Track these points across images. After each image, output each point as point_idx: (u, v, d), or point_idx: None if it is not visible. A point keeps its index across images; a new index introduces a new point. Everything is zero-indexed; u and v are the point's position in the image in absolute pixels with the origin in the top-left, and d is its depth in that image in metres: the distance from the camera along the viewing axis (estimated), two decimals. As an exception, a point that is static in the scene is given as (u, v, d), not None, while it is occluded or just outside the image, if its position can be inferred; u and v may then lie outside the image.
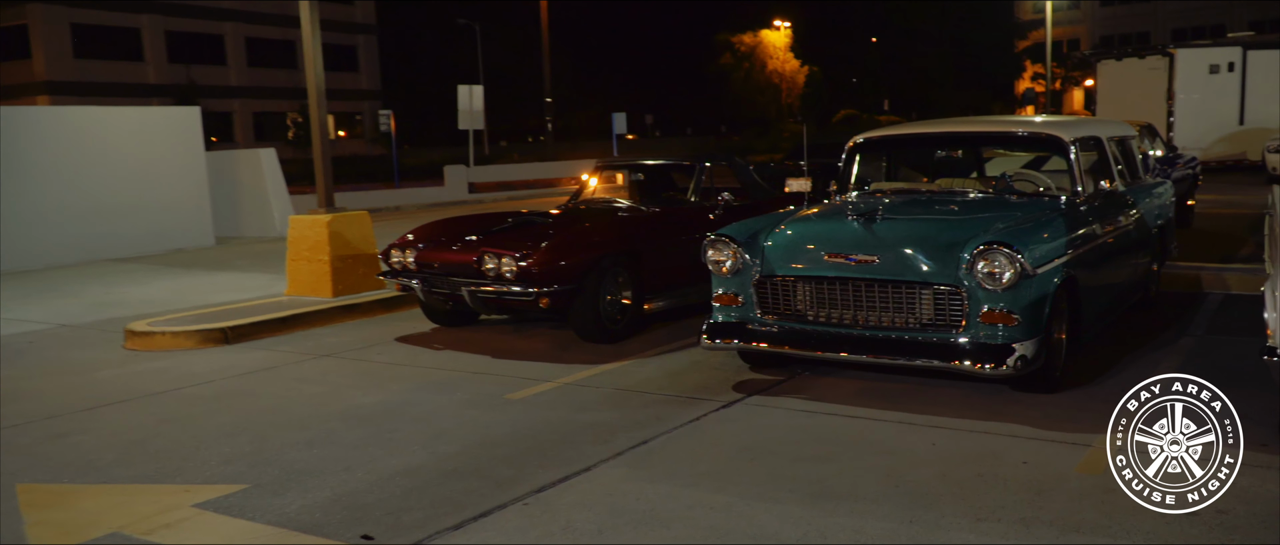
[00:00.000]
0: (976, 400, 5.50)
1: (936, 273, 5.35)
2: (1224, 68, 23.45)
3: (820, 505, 4.09)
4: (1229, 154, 22.39)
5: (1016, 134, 7.14)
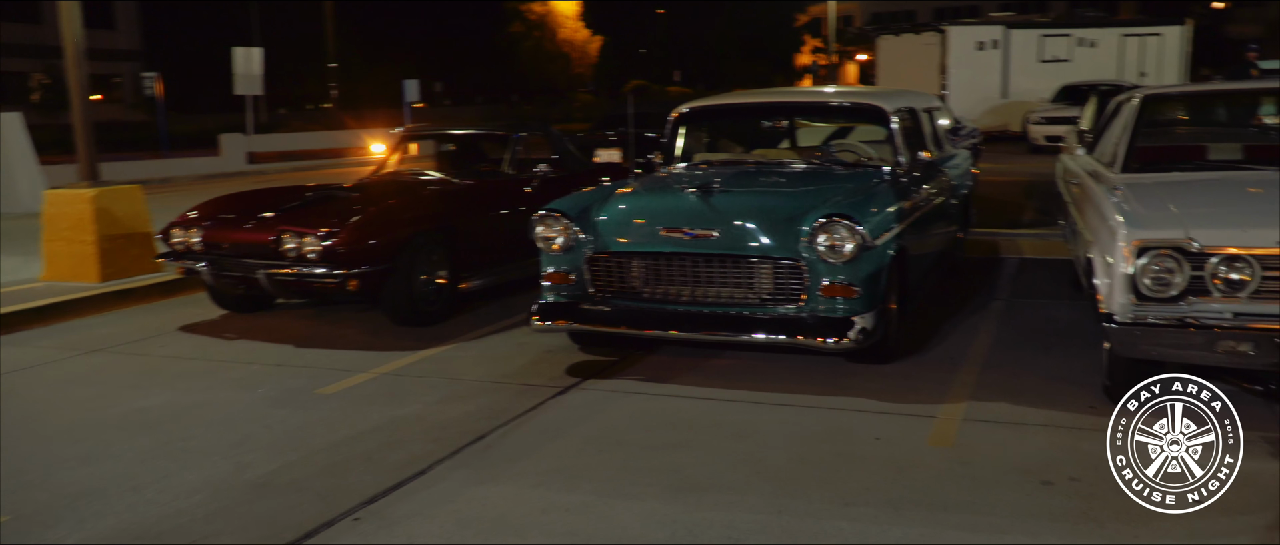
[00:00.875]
0: (815, 374, 5.41)
1: (777, 246, 5.20)
2: (989, 45, 25.00)
3: (684, 499, 3.83)
4: (995, 125, 23.89)
5: (840, 105, 7.13)
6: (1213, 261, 3.99)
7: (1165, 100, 6.35)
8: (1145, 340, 4.12)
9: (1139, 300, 4.11)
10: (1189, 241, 4.00)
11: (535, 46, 61.59)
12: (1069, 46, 24.86)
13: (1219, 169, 5.39)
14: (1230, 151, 5.93)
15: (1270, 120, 6.38)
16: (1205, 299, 4.04)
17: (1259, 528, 3.46)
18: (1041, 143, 20.14)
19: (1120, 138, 5.58)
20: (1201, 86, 7.72)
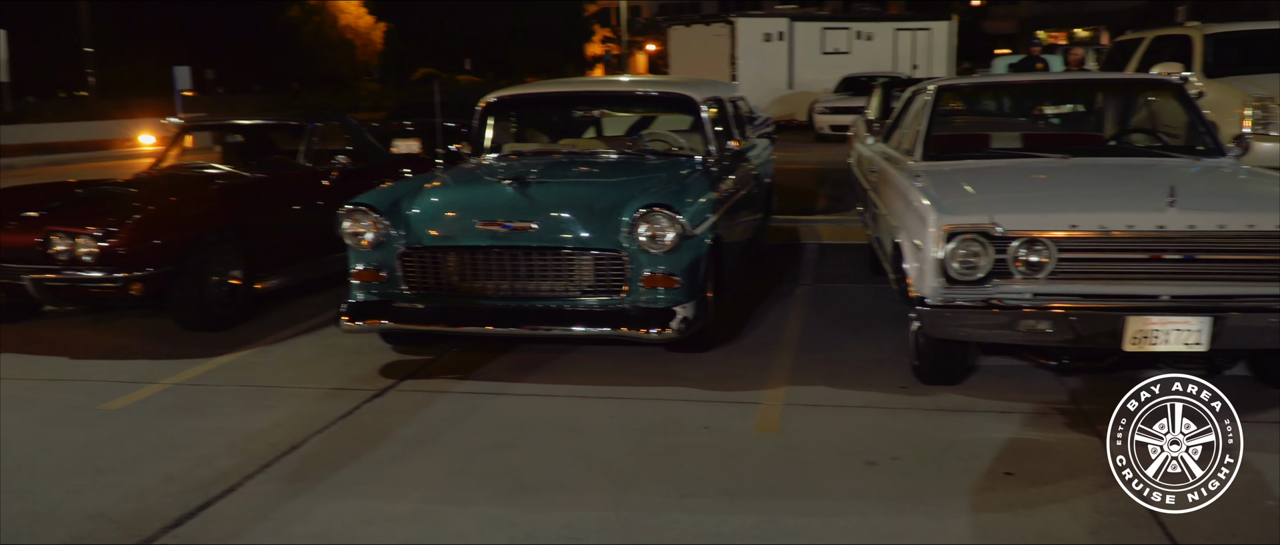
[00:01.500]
0: (638, 365, 5.39)
1: (597, 237, 5.14)
2: (775, 36, 25.91)
3: (519, 501, 3.71)
4: (783, 115, 24.79)
5: (651, 94, 7.14)
6: (1014, 245, 4.22)
7: (957, 91, 6.71)
8: (954, 321, 4.32)
9: (948, 283, 4.30)
10: (993, 226, 4.21)
11: (316, 32, 59.11)
12: (848, 39, 26.11)
13: (1009, 157, 5.73)
14: (1015, 139, 6.33)
15: (1051, 110, 6.87)
16: (1008, 281, 4.27)
17: (1076, 492, 3.68)
18: (827, 132, 21.05)
19: (918, 127, 5.84)
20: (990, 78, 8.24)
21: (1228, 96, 9.69)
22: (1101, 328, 4.19)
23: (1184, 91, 5.85)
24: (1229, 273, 4.16)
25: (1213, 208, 4.20)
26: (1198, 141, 5.54)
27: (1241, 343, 4.25)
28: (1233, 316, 4.10)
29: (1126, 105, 6.55)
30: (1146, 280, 4.21)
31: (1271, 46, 11.25)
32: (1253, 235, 4.09)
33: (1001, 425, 4.39)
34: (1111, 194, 4.64)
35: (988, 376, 5.06)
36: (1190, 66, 10.67)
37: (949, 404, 4.68)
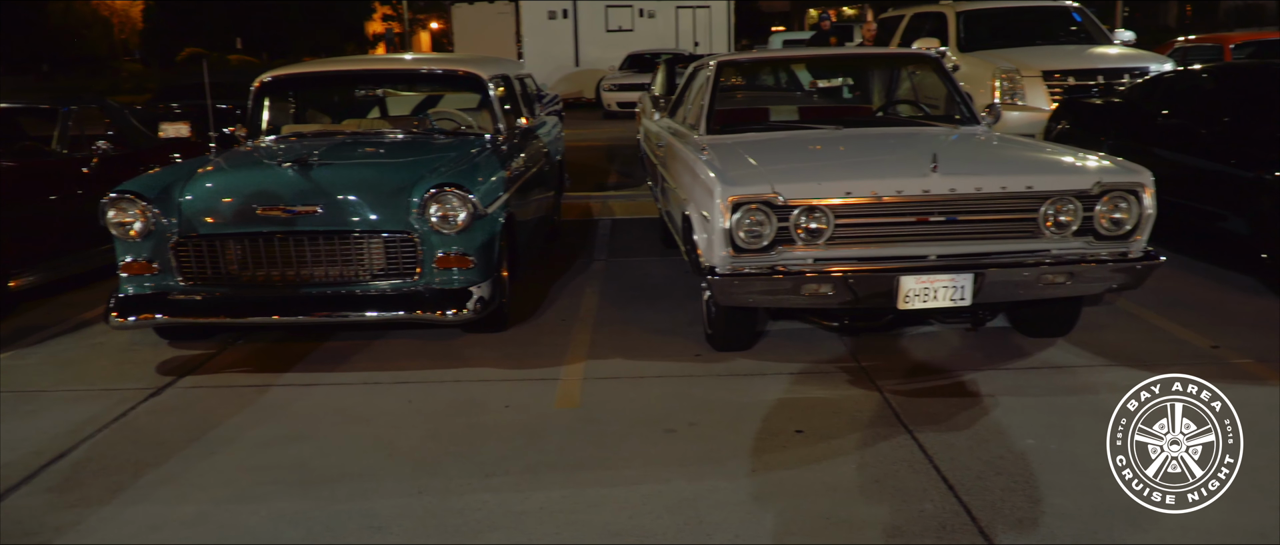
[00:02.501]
0: (432, 348, 5.30)
1: (386, 219, 5.00)
2: (560, 14, 25.88)
3: (315, 493, 3.58)
4: (570, 92, 24.87)
5: (436, 72, 6.99)
6: (795, 213, 4.41)
7: (736, 66, 6.92)
8: (742, 288, 4.47)
9: (735, 252, 4.45)
10: (775, 196, 4.38)
11: (65, 9, 54.44)
12: (632, 17, 26.41)
13: (787, 129, 5.97)
14: (791, 113, 6.60)
15: (824, 84, 7.20)
16: (790, 247, 4.46)
17: (860, 444, 3.90)
18: (615, 109, 21.29)
19: (701, 101, 5.99)
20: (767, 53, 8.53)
21: (980, 69, 10.47)
22: (877, 288, 4.45)
23: (941, 65, 6.26)
24: (986, 232, 4.50)
25: (970, 172, 4.53)
26: (955, 111, 5.95)
27: (1000, 296, 4.61)
28: (991, 272, 4.43)
29: (891, 78, 6.95)
30: (915, 241, 4.49)
31: (1017, 22, 12.22)
32: (1005, 196, 4.43)
33: (791, 386, 4.59)
34: (881, 162, 4.92)
35: (777, 340, 5.27)
36: (946, 41, 11.44)
37: (742, 369, 4.85)
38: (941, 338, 5.24)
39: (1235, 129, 6.24)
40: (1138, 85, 8.01)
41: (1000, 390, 4.43)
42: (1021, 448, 3.81)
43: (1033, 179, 4.47)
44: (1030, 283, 4.48)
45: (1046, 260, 4.45)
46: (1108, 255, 4.49)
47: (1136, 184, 4.46)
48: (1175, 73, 8.08)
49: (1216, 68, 7.82)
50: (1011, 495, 3.42)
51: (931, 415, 4.16)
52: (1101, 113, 7.92)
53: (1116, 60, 10.42)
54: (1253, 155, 5.93)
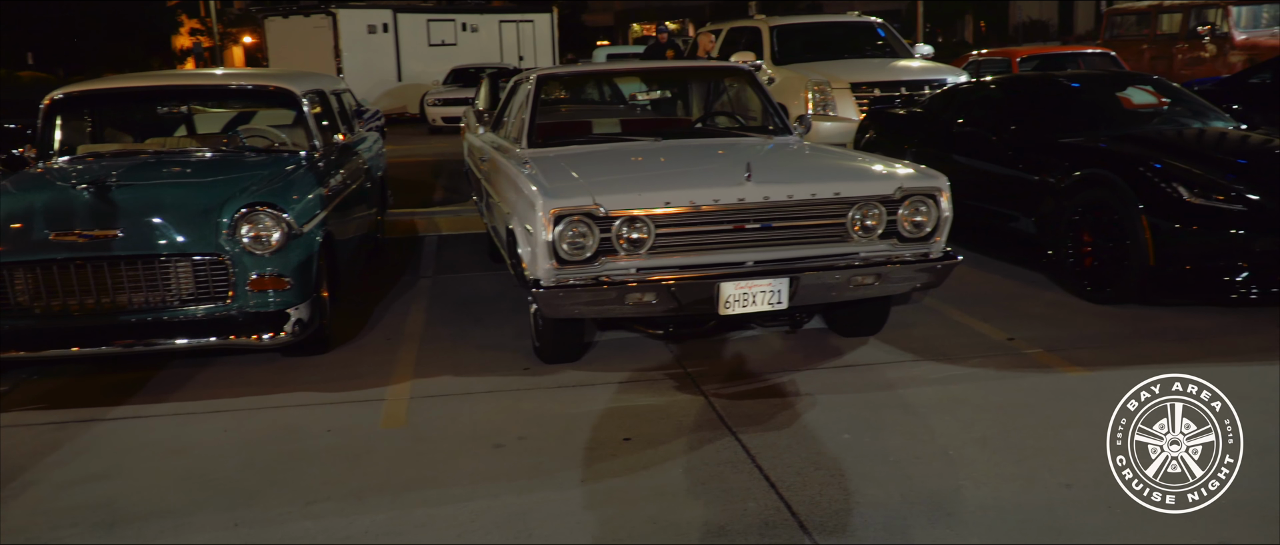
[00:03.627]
0: (250, 374, 5.09)
1: (194, 241, 4.79)
2: (380, 28, 25.37)
3: (121, 533, 3.38)
4: (393, 108, 24.39)
5: (246, 88, 6.74)
6: (617, 224, 4.47)
7: (557, 80, 6.96)
8: (568, 300, 4.50)
9: (559, 264, 4.47)
10: (597, 207, 4.43)
11: None
12: (455, 31, 26.17)
13: (608, 141, 6.04)
14: (613, 125, 6.69)
15: (641, 96, 7.32)
16: (614, 258, 4.52)
17: (686, 448, 3.97)
18: (440, 124, 21.01)
19: (523, 115, 6.00)
20: (587, 67, 8.61)
21: (793, 81, 10.88)
22: (699, 295, 4.56)
23: (754, 77, 6.48)
24: (800, 237, 4.69)
25: (782, 180, 4.70)
26: (769, 122, 6.17)
27: (815, 299, 4.80)
28: (806, 276, 4.62)
29: (709, 91, 7.14)
30: (733, 249, 4.63)
31: (827, 37, 12.77)
32: (815, 203, 4.63)
33: (619, 395, 4.65)
34: (699, 172, 5.05)
35: (605, 350, 5.32)
36: (762, 55, 11.84)
37: (570, 380, 4.88)
38: (763, 341, 5.41)
39: (1021, 136, 6.71)
40: (936, 96, 8.51)
41: (818, 389, 4.62)
42: (838, 443, 3.97)
43: (840, 186, 4.68)
44: (842, 285, 4.69)
45: (856, 262, 4.67)
46: (911, 256, 4.75)
47: (934, 189, 4.74)
48: (969, 84, 8.62)
49: (1004, 79, 8.40)
50: (829, 489, 3.57)
51: (754, 416, 4.29)
52: (905, 122, 8.37)
53: (917, 73, 11.04)
54: (1037, 160, 6.40)
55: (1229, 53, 15.11)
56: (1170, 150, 5.92)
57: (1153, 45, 17.14)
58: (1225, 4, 15.94)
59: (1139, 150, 5.92)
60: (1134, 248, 5.50)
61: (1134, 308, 5.65)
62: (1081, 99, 7.39)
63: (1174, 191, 5.43)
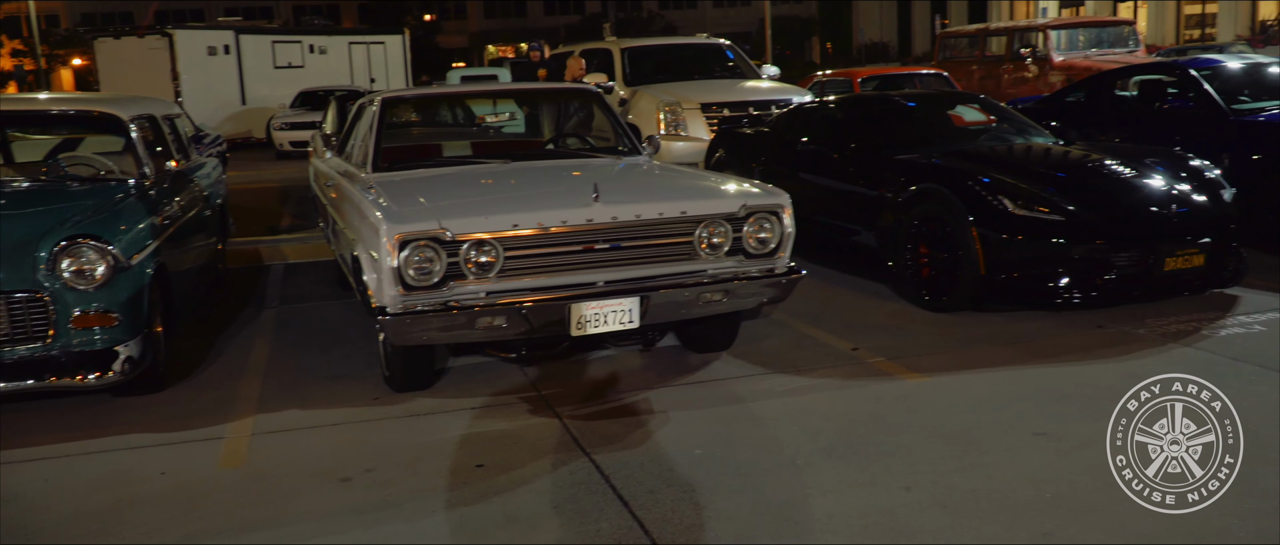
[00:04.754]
0: (79, 416, 4.80)
1: (9, 277, 4.49)
2: (221, 50, 24.50)
3: (-75, 598, 3.12)
4: (237, 132, 23.56)
5: (67, 113, 6.36)
6: (465, 247, 4.42)
7: (403, 103, 6.84)
8: (416, 327, 4.41)
9: (406, 290, 4.38)
10: (443, 231, 4.37)
11: None
12: (302, 53, 25.51)
13: (456, 164, 5.97)
14: (463, 148, 6.62)
15: (491, 119, 7.27)
16: (463, 282, 4.45)
17: (540, 472, 3.93)
18: (287, 148, 20.40)
19: (367, 139, 5.87)
20: (433, 89, 8.49)
21: (645, 102, 11.02)
22: (550, 317, 4.54)
23: (603, 99, 6.52)
24: (649, 256, 4.72)
25: (630, 200, 4.74)
26: (619, 143, 6.22)
27: (666, 316, 4.85)
28: (656, 294, 4.66)
29: (559, 112, 7.15)
30: (584, 269, 4.63)
31: (677, 58, 12.98)
32: (663, 222, 4.68)
33: (471, 421, 4.58)
34: (547, 194, 5.04)
35: (458, 376, 5.24)
36: (613, 76, 11.94)
37: (421, 408, 4.78)
38: (617, 360, 5.42)
39: (861, 153, 6.96)
40: (782, 115, 8.74)
41: (671, 406, 4.65)
42: (690, 459, 4.01)
43: (687, 205, 4.75)
44: (692, 302, 4.74)
45: (704, 280, 4.74)
46: (757, 272, 4.85)
47: (777, 206, 4.86)
48: (812, 104, 8.90)
49: (845, 99, 8.70)
50: (681, 505, 3.59)
51: (608, 437, 4.29)
52: (752, 141, 8.56)
53: (765, 93, 11.34)
54: (875, 176, 6.64)
55: (1049, 73, 16.07)
56: (997, 165, 6.24)
57: (981, 66, 18.07)
58: (1045, 29, 16.96)
59: (968, 165, 6.21)
60: (966, 258, 5.76)
61: (969, 314, 5.92)
62: (916, 117, 7.72)
63: (1000, 204, 5.72)
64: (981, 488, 3.62)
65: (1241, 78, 8.31)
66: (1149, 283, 5.71)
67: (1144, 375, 4.74)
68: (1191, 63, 8.63)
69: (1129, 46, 17.28)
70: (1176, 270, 5.71)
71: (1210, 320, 5.61)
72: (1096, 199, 5.84)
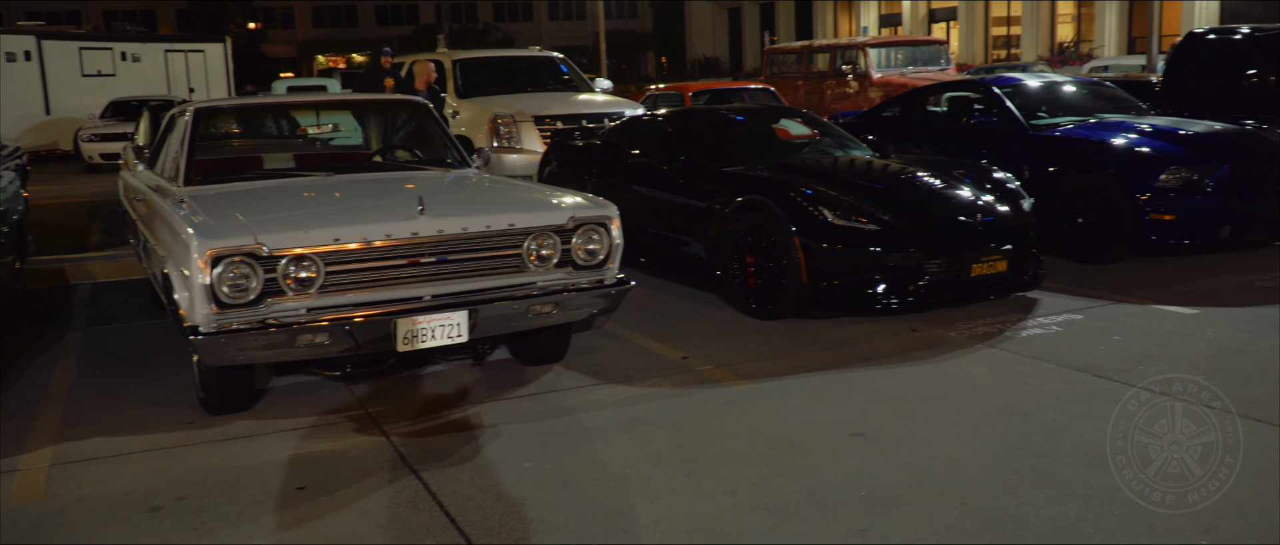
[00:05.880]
0: None
1: None
2: (21, 56, 22.90)
3: None
4: (41, 144, 22.08)
5: None
6: (283, 263, 4.27)
7: (218, 113, 6.57)
8: (232, 346, 4.23)
9: (220, 309, 4.20)
10: (259, 246, 4.21)
11: None
12: (113, 61, 24.12)
13: (277, 177, 5.77)
14: (285, 160, 6.40)
15: (314, 131, 7.05)
16: (282, 299, 4.30)
17: (366, 492, 3.83)
18: (97, 161, 19.25)
19: (179, 152, 5.61)
20: (252, 100, 8.17)
21: (478, 114, 10.94)
22: (376, 333, 4.43)
23: (431, 111, 6.43)
24: (477, 269, 4.68)
25: (457, 213, 4.69)
26: (448, 155, 6.14)
27: (496, 330, 4.81)
28: (485, 308, 4.61)
29: (387, 123, 7.00)
30: (410, 283, 4.55)
31: (510, 71, 12.94)
32: (490, 234, 4.65)
33: (294, 442, 4.42)
34: (371, 207, 4.93)
35: (281, 396, 5.06)
36: (446, 89, 11.80)
37: (240, 431, 4.58)
38: (448, 375, 5.35)
39: (690, 165, 7.10)
40: (614, 128, 8.83)
41: (502, 420, 4.62)
42: (520, 472, 3.99)
43: (515, 217, 4.73)
44: (521, 315, 4.73)
45: (534, 292, 4.73)
46: (587, 283, 4.88)
47: (605, 217, 4.91)
48: (644, 117, 9.02)
49: (674, 113, 8.86)
50: (509, 519, 3.57)
51: (437, 453, 4.23)
52: (585, 154, 8.61)
53: (598, 106, 11.43)
54: (704, 188, 6.79)
55: (869, 89, 16.85)
56: (818, 178, 6.48)
57: (807, 81, 18.78)
58: (864, 47, 17.77)
59: (792, 178, 6.43)
60: (790, 267, 5.95)
61: (793, 321, 6.12)
62: (743, 131, 7.94)
63: (821, 215, 5.94)
64: (802, 488, 3.74)
65: (1040, 95, 8.90)
66: (958, 288, 6.04)
67: (954, 375, 5.04)
68: (995, 81, 9.20)
69: (941, 65, 18.30)
70: (982, 276, 6.06)
71: (1013, 322, 5.98)
72: (910, 209, 6.14)
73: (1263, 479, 3.67)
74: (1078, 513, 3.45)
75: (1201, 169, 7.11)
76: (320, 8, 67.96)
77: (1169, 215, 7.07)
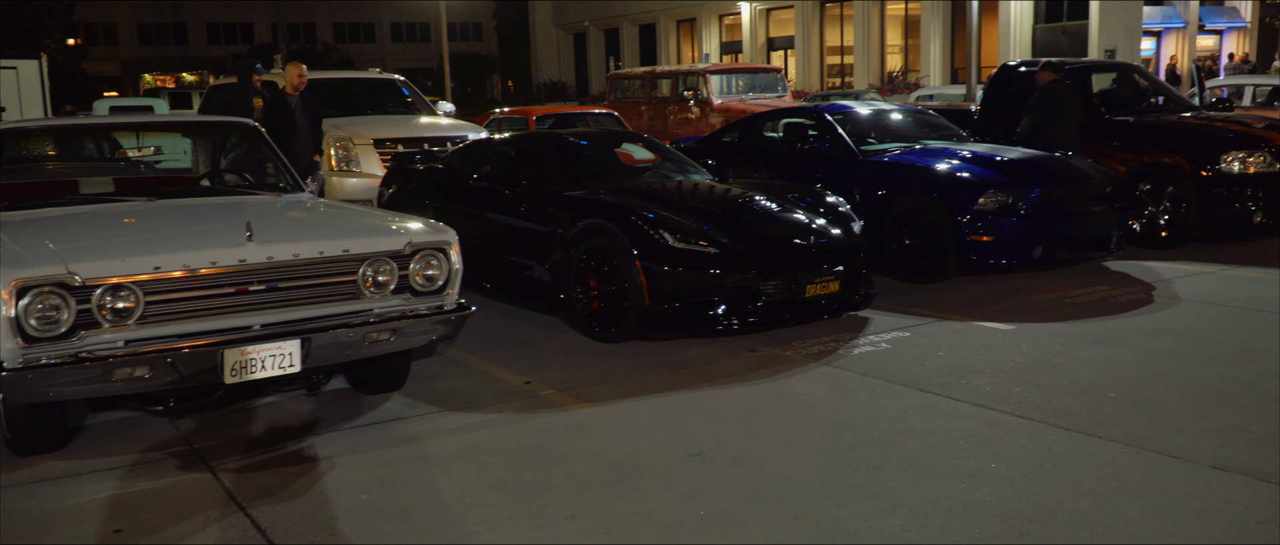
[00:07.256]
0: None
1: None
2: None
3: None
4: None
5: None
6: (98, 293, 4.03)
7: (29, 135, 6.18)
8: (41, 382, 3.96)
9: (27, 342, 3.93)
10: (71, 276, 3.97)
11: None
12: (-90, 77, 22.34)
13: (94, 202, 5.46)
14: (103, 184, 6.06)
15: (135, 154, 6.72)
16: (97, 331, 4.06)
17: (187, 533, 3.64)
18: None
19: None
20: (66, 121, 7.70)
21: (315, 137, 10.58)
22: (201, 365, 4.24)
23: (261, 133, 6.22)
24: (310, 297, 4.53)
25: (287, 239, 4.53)
26: (279, 179, 5.95)
27: (331, 358, 4.66)
28: (319, 336, 4.47)
29: (215, 147, 6.73)
30: (238, 313, 4.37)
31: (350, 93, 12.65)
32: (323, 261, 4.52)
33: (111, 483, 4.17)
34: (196, 233, 4.72)
35: (98, 433, 4.77)
36: (281, 111, 11.39)
37: (51, 472, 4.29)
38: (281, 407, 5.16)
39: (532, 189, 7.09)
40: (456, 152, 8.74)
41: (337, 451, 4.49)
42: (355, 505, 3.88)
43: (349, 242, 4.61)
44: (358, 342, 4.60)
45: (370, 319, 4.62)
46: (426, 309, 4.79)
47: (444, 242, 4.84)
48: (486, 141, 8.97)
49: (517, 137, 8.85)
50: (344, 554, 3.47)
51: (266, 488, 4.07)
52: (426, 178, 8.48)
53: (441, 130, 11.29)
54: (547, 212, 6.80)
55: (710, 115, 17.24)
56: (659, 202, 6.57)
57: (650, 106, 19.06)
58: (705, 73, 18.19)
59: (633, 201, 6.50)
60: (632, 290, 6.01)
61: (637, 344, 6.17)
62: (586, 155, 7.98)
63: (662, 238, 6.03)
64: (642, 510, 3.77)
65: (870, 122, 9.30)
66: (794, 308, 6.22)
67: (790, 393, 5.18)
68: (828, 108, 9.56)
69: (779, 92, 18.88)
70: (816, 296, 6.27)
71: (846, 340, 6.20)
72: (747, 232, 6.30)
73: (1072, 482, 3.91)
74: (903, 523, 3.60)
75: (1015, 193, 7.57)
76: (147, 24, 64.88)
77: (987, 236, 7.49)
